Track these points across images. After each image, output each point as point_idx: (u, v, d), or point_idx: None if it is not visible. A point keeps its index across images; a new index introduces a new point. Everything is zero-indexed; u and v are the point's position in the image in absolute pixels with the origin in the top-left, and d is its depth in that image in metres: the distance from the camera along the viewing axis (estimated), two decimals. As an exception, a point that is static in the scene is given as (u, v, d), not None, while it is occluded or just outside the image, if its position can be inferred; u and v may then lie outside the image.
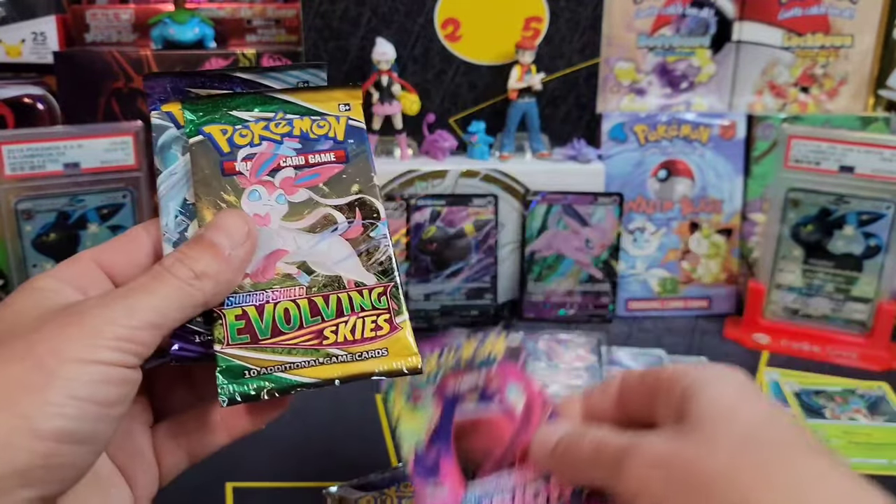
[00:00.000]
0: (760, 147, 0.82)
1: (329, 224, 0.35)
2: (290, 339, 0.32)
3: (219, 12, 0.85)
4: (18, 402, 0.25)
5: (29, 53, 0.82)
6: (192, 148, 0.35)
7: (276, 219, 0.34)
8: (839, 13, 0.82)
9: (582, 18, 0.80)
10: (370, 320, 0.33)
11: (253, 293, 0.33)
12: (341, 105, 0.37)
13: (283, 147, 0.35)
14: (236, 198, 0.34)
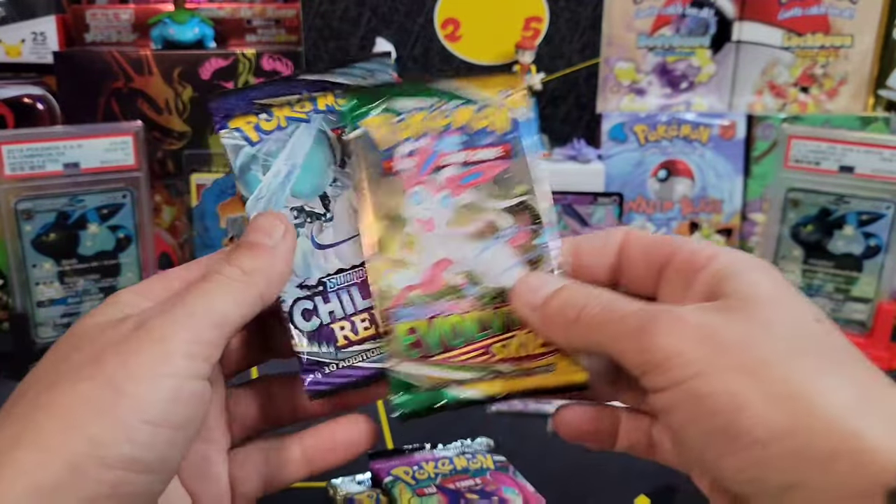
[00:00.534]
0: (760, 147, 0.82)
1: (494, 230, 0.33)
2: (460, 355, 0.32)
3: (219, 12, 0.84)
4: (87, 425, 0.24)
5: (29, 53, 0.82)
6: (351, 146, 0.33)
7: (440, 224, 0.32)
8: (839, 13, 0.82)
9: (582, 18, 0.80)
10: (535, 337, 0.32)
11: (422, 306, 0.32)
12: (502, 91, 0.34)
13: (445, 142, 0.33)
14: (398, 200, 0.32)
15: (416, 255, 0.32)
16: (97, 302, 0.71)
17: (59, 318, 0.70)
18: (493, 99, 0.33)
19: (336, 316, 0.32)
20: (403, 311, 0.31)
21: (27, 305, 0.68)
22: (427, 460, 0.51)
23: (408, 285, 0.32)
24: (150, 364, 0.25)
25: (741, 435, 0.24)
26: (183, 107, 0.78)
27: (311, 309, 0.32)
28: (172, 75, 0.77)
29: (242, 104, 0.33)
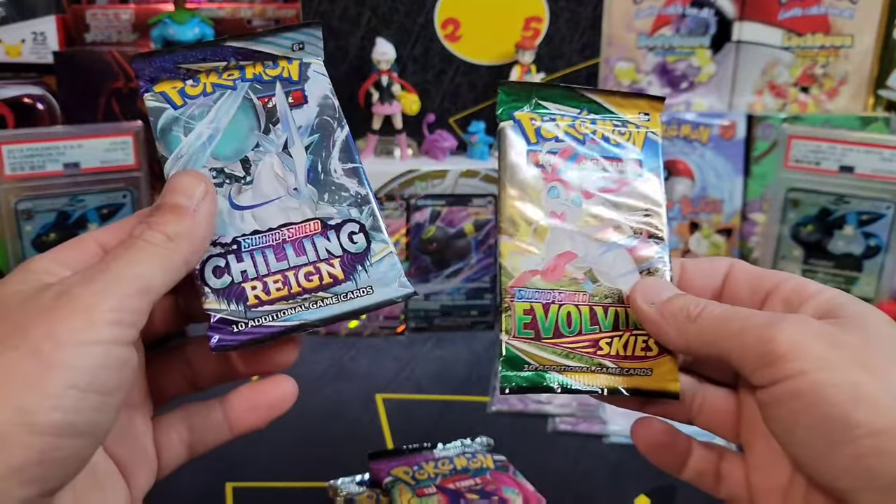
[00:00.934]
0: (760, 147, 0.82)
1: (617, 236, 0.35)
2: (569, 343, 0.34)
3: (219, 12, 0.84)
4: (14, 394, 0.24)
5: (29, 53, 0.82)
6: (502, 131, 0.36)
7: (570, 220, 0.35)
8: (839, 13, 0.82)
9: (582, 18, 0.80)
10: (641, 339, 0.34)
11: (542, 291, 0.34)
12: (642, 114, 0.37)
13: (585, 148, 0.36)
14: (537, 191, 0.35)
15: (544, 245, 0.34)
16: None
17: (60, 318, 0.70)
18: (633, 118, 0.37)
19: (248, 276, 0.32)
20: (523, 292, 0.34)
21: (27, 305, 0.68)
22: (427, 460, 0.51)
23: (531, 269, 0.34)
24: (75, 332, 0.25)
25: (859, 425, 0.26)
26: (183, 107, 0.78)
27: (223, 266, 0.32)
28: (172, 75, 0.77)
29: (169, 67, 0.34)
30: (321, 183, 0.34)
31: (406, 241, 0.77)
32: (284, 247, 0.33)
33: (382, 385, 0.67)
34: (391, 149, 0.81)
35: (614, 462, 0.57)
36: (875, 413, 0.26)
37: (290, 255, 0.33)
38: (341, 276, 0.33)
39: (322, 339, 0.76)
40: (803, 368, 0.27)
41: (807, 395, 0.27)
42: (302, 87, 0.35)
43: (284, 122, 0.35)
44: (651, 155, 0.36)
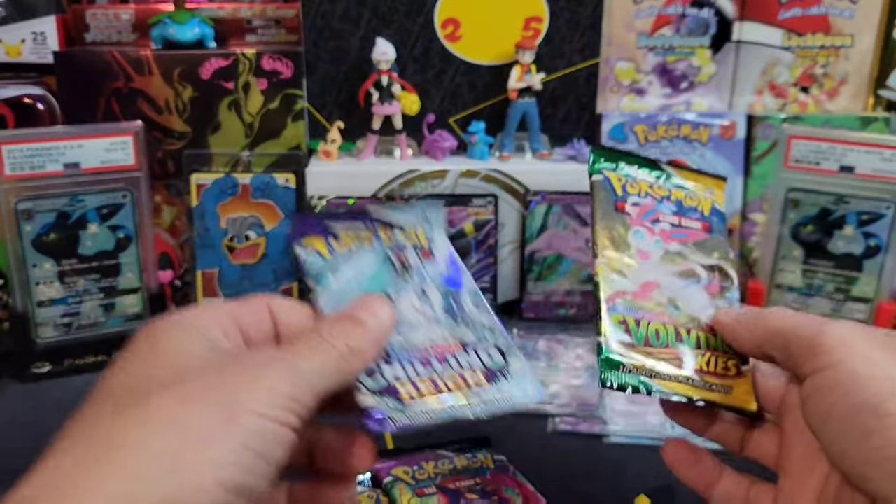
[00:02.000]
0: (760, 147, 0.82)
1: (693, 276, 0.41)
2: (658, 353, 0.37)
3: (219, 12, 0.84)
4: (198, 443, 0.25)
5: (29, 53, 0.82)
6: (594, 183, 0.42)
7: (654, 258, 0.41)
8: (839, 13, 0.82)
9: (582, 18, 0.80)
10: (721, 360, 0.38)
11: (632, 308, 0.38)
12: (707, 190, 0.44)
13: (663, 205, 0.42)
14: (625, 231, 0.41)
15: (632, 272, 0.40)
16: (97, 302, 0.71)
17: (60, 317, 0.70)
18: (701, 191, 0.44)
19: (399, 378, 0.36)
20: (617, 306, 0.38)
21: (27, 305, 0.68)
22: (427, 460, 0.52)
23: (622, 290, 0.39)
24: (258, 403, 0.27)
25: (889, 414, 0.28)
26: (183, 107, 0.78)
27: (375, 369, 0.35)
28: (173, 75, 0.77)
29: (317, 228, 0.42)
30: (455, 316, 0.40)
31: (406, 241, 0.77)
32: (430, 359, 0.37)
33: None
34: (391, 149, 0.81)
35: (614, 462, 0.57)
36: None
37: (435, 365, 0.37)
38: (485, 384, 0.36)
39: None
40: (844, 359, 0.30)
41: (844, 385, 0.30)
42: (430, 248, 0.43)
43: (418, 272, 0.42)
44: (718, 220, 0.43)
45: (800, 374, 0.33)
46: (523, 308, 0.81)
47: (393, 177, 0.79)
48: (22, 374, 0.68)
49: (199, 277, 0.80)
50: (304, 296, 0.80)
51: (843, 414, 0.30)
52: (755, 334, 0.36)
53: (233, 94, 0.78)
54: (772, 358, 0.36)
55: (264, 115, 0.79)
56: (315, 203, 0.76)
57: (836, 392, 0.30)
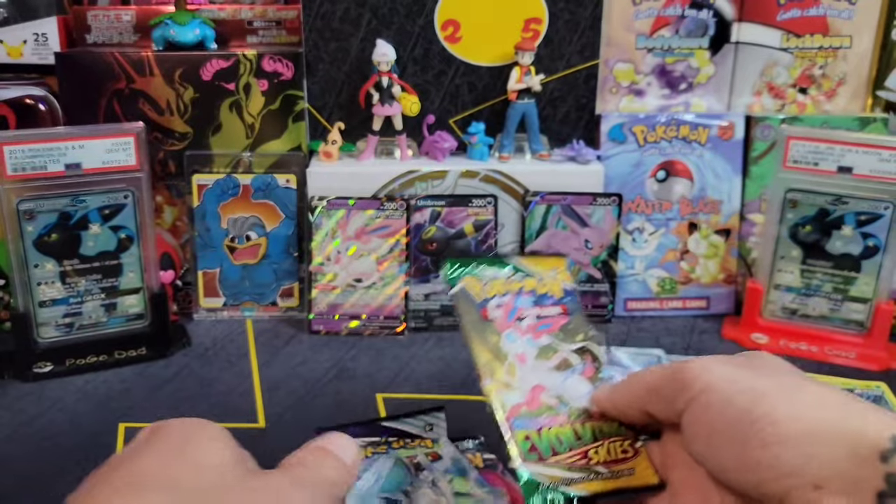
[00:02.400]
0: (759, 148, 0.82)
1: (569, 365, 0.43)
2: (566, 459, 0.39)
3: (220, 13, 0.85)
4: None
5: (30, 54, 0.82)
6: (455, 296, 0.44)
7: (530, 358, 0.43)
8: (837, 14, 0.82)
9: (581, 20, 0.80)
10: (617, 445, 0.40)
11: (530, 419, 0.40)
12: (551, 271, 0.47)
13: (521, 300, 0.45)
14: (497, 338, 0.43)
15: (517, 381, 0.41)
16: (99, 302, 0.71)
17: (61, 318, 0.70)
18: (547, 274, 0.46)
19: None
20: (517, 422, 0.40)
21: (29, 305, 0.68)
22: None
23: (516, 403, 0.40)
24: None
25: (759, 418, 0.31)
26: (184, 108, 0.78)
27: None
28: (174, 76, 0.77)
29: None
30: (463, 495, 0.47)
31: (406, 241, 0.77)
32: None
33: (383, 385, 0.68)
34: (391, 149, 0.82)
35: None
36: (773, 406, 0.31)
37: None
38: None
39: (323, 339, 0.77)
40: (710, 382, 0.34)
41: (715, 405, 0.33)
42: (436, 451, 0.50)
43: (428, 469, 0.49)
44: (571, 299, 0.46)
45: (678, 414, 0.35)
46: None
47: (393, 177, 0.79)
48: (23, 374, 0.68)
49: (200, 277, 0.80)
50: (302, 297, 0.80)
51: (722, 430, 0.32)
52: (634, 398, 0.39)
53: (234, 95, 0.79)
54: (654, 416, 0.38)
55: (265, 116, 0.80)
56: (316, 204, 0.76)
57: (710, 413, 0.33)
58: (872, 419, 0.30)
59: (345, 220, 0.77)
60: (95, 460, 0.31)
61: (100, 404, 0.64)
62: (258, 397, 0.66)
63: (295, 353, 0.74)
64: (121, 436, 0.60)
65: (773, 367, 0.36)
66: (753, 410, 0.31)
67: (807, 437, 0.30)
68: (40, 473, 0.55)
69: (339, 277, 0.77)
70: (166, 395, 0.66)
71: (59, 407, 0.64)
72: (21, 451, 0.58)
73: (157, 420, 0.34)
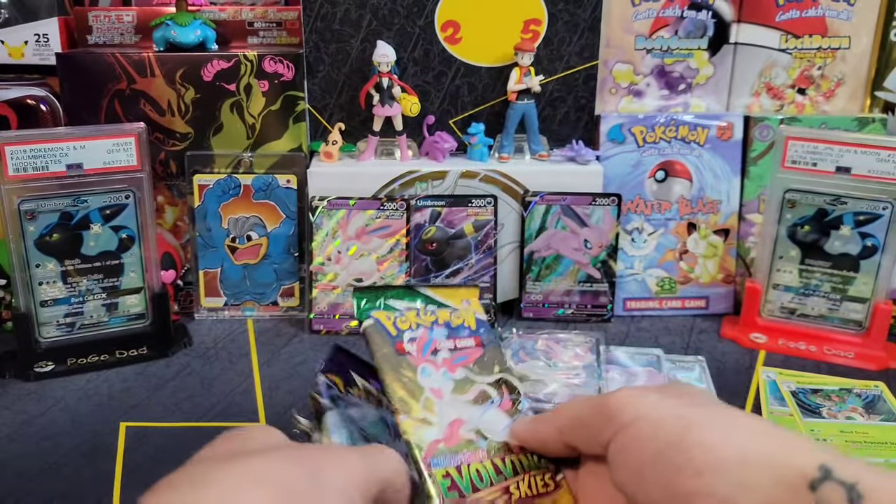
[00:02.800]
0: (757, 148, 0.82)
1: (486, 398, 0.42)
2: (487, 495, 0.38)
3: (220, 14, 0.85)
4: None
5: (32, 55, 0.83)
6: (367, 330, 0.43)
7: (447, 392, 0.41)
8: (836, 15, 0.82)
9: (580, 21, 0.81)
10: (539, 478, 0.40)
11: (449, 455, 0.39)
12: (464, 301, 0.46)
13: (436, 332, 0.44)
14: (413, 373, 0.41)
15: (435, 416, 0.40)
16: (100, 301, 0.71)
17: (62, 317, 0.70)
18: (460, 305, 0.45)
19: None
20: (436, 460, 0.38)
21: (30, 305, 0.69)
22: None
23: (435, 439, 0.39)
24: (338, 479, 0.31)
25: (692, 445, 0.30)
26: (185, 108, 0.79)
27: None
28: (175, 77, 0.78)
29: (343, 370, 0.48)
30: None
31: (406, 241, 0.78)
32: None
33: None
34: (391, 150, 0.82)
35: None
36: (705, 434, 0.31)
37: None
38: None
39: (323, 339, 0.77)
40: (638, 412, 0.33)
41: (644, 433, 0.32)
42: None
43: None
44: (485, 330, 0.45)
45: (603, 444, 0.34)
46: (522, 307, 0.81)
47: (393, 178, 0.79)
48: (25, 374, 0.68)
49: (201, 277, 0.80)
50: (302, 297, 0.80)
51: (652, 459, 0.32)
52: (556, 429, 0.38)
53: (234, 95, 0.79)
54: (576, 448, 0.38)
55: (266, 117, 0.80)
56: (317, 204, 0.77)
57: (640, 441, 0.32)
58: (801, 448, 0.30)
59: (345, 221, 0.77)
60: (96, 460, 0.31)
61: (101, 404, 0.65)
62: (259, 397, 0.66)
63: (295, 352, 0.74)
64: (122, 435, 0.60)
65: (701, 396, 0.36)
66: (686, 437, 0.31)
67: (739, 465, 0.29)
68: (41, 473, 0.55)
69: (339, 277, 0.78)
70: (167, 395, 0.66)
71: (61, 406, 0.64)
72: (22, 450, 0.58)
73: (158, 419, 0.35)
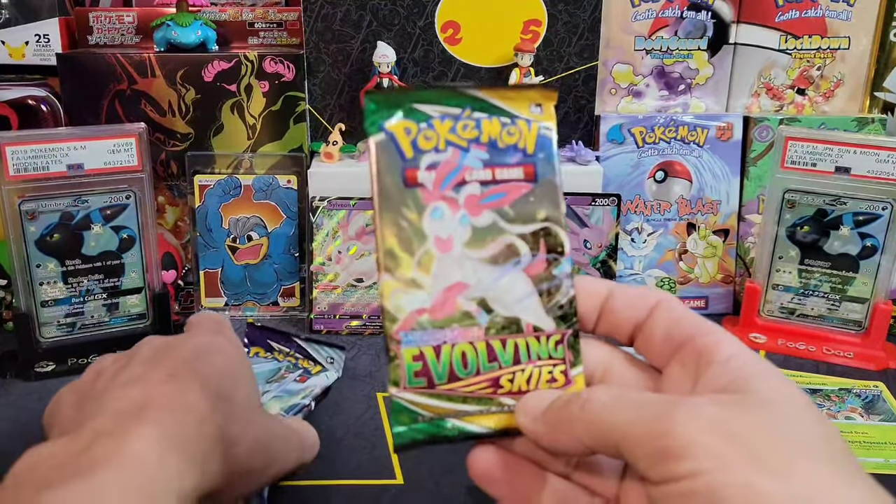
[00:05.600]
0: (757, 148, 0.82)
1: (512, 255, 0.31)
2: (466, 386, 0.30)
3: (221, 15, 0.85)
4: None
5: (32, 55, 0.83)
6: (374, 145, 0.31)
7: (458, 244, 0.30)
8: (836, 15, 0.82)
9: (580, 21, 0.81)
10: (546, 370, 0.30)
11: (431, 331, 0.30)
12: (533, 106, 0.32)
13: (470, 156, 0.31)
14: (418, 215, 0.30)
15: (430, 277, 0.30)
16: (101, 302, 0.71)
17: (63, 317, 0.70)
18: (524, 113, 0.32)
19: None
20: (411, 336, 0.30)
21: (31, 305, 0.69)
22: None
23: (418, 308, 0.30)
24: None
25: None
26: (186, 109, 0.79)
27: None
28: (175, 77, 0.78)
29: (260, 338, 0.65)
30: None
31: (406, 241, 0.77)
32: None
33: (383, 384, 0.68)
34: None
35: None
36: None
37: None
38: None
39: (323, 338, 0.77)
40: (698, 469, 0.25)
41: (701, 497, 0.25)
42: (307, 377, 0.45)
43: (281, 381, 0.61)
44: (545, 157, 0.32)
45: (644, 476, 0.27)
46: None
47: (393, 178, 0.79)
48: (25, 374, 0.68)
49: (201, 277, 0.80)
50: (303, 297, 0.80)
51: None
52: (575, 435, 0.29)
53: (235, 96, 0.79)
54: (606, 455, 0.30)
55: (266, 117, 0.80)
56: (317, 204, 0.77)
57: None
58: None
59: (346, 221, 0.77)
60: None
61: (102, 403, 0.65)
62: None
63: (296, 352, 0.74)
64: (123, 435, 0.60)
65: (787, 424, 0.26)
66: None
67: None
68: (43, 472, 0.55)
69: (340, 277, 0.78)
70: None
71: (62, 406, 0.64)
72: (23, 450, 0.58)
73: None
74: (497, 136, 0.31)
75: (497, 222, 0.31)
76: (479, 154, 0.31)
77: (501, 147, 0.31)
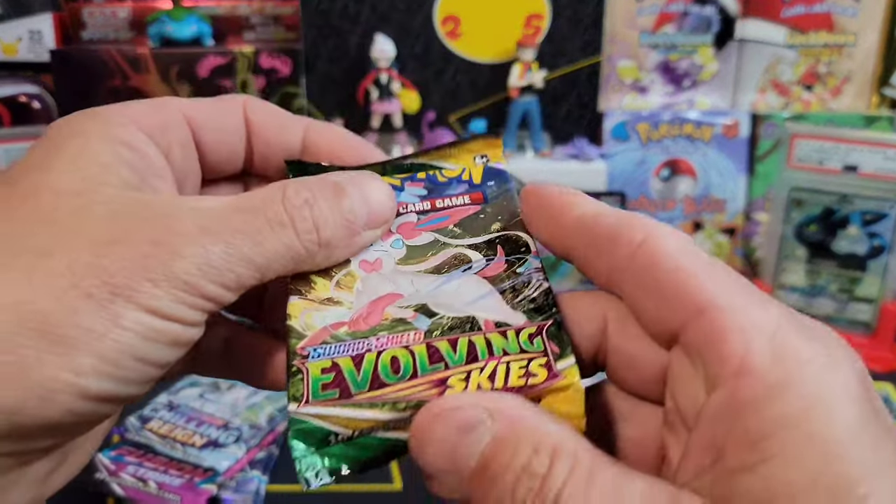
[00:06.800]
0: (764, 146, 0.81)
1: (459, 264, 0.28)
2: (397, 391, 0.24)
3: (216, 9, 0.84)
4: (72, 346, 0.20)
5: (25, 52, 0.81)
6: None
7: (388, 264, 0.28)
8: (843, 11, 0.81)
9: (584, 16, 0.79)
10: (518, 365, 0.24)
11: (349, 342, 0.25)
12: (478, 157, 0.30)
13: (405, 194, 0.29)
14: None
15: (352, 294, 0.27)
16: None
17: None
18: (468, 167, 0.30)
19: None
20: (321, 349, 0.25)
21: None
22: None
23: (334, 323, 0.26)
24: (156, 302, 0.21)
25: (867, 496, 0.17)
26: (181, 105, 0.78)
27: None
28: (170, 73, 0.76)
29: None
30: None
31: (406, 240, 0.76)
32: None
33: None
34: (391, 147, 0.81)
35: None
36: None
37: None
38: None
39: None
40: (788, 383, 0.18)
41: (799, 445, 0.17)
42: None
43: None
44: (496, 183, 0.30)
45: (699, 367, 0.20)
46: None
47: (393, 176, 0.78)
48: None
49: (197, 277, 0.79)
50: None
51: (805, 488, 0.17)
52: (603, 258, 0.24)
53: (231, 92, 0.78)
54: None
55: (263, 114, 0.79)
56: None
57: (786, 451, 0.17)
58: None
59: (344, 220, 0.76)
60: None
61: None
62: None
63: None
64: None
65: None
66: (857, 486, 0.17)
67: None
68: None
69: (338, 277, 0.77)
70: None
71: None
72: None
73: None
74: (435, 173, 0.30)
75: (439, 238, 0.28)
76: (415, 191, 0.29)
77: (441, 181, 0.30)
